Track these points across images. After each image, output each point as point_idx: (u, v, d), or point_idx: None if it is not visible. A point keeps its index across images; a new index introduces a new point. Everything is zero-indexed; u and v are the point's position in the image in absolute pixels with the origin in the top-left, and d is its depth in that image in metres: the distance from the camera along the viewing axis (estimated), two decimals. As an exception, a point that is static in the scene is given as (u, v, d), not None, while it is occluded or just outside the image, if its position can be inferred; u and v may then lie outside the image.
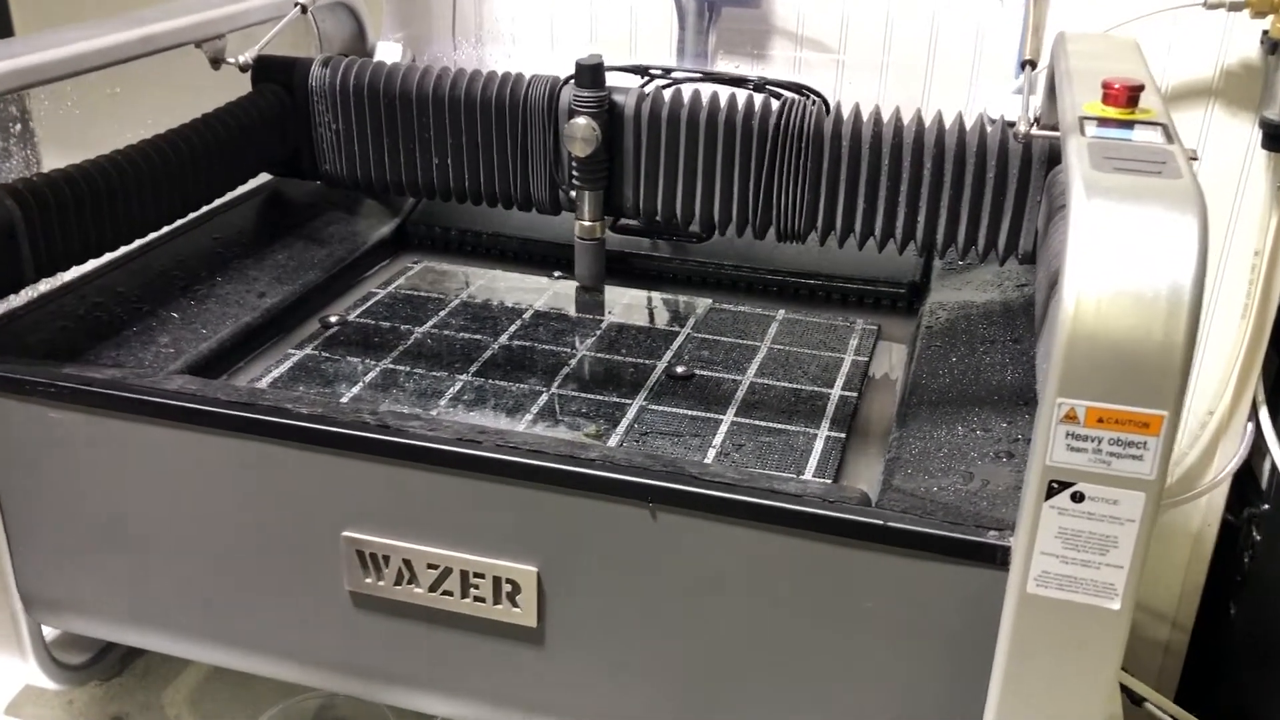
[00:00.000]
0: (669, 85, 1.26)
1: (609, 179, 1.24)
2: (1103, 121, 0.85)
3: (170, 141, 1.16)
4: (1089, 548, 0.71)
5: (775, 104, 1.17)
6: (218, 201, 1.26)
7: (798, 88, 1.25)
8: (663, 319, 1.25)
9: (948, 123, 1.13)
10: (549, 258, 1.37)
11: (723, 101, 1.18)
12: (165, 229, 1.18)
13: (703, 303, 1.28)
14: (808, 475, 0.96)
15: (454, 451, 0.85)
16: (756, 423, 1.03)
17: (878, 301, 1.30)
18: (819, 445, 1.00)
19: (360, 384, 1.08)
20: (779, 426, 1.03)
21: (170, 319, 1.11)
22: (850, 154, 1.14)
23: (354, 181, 1.33)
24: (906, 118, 1.14)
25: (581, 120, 1.19)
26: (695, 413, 1.05)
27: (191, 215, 1.21)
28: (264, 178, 1.37)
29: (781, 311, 1.26)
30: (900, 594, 0.79)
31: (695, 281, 1.34)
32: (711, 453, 0.98)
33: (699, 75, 1.30)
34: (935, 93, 1.48)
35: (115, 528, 0.97)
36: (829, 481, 0.95)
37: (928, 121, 1.13)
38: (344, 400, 1.05)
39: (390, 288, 1.30)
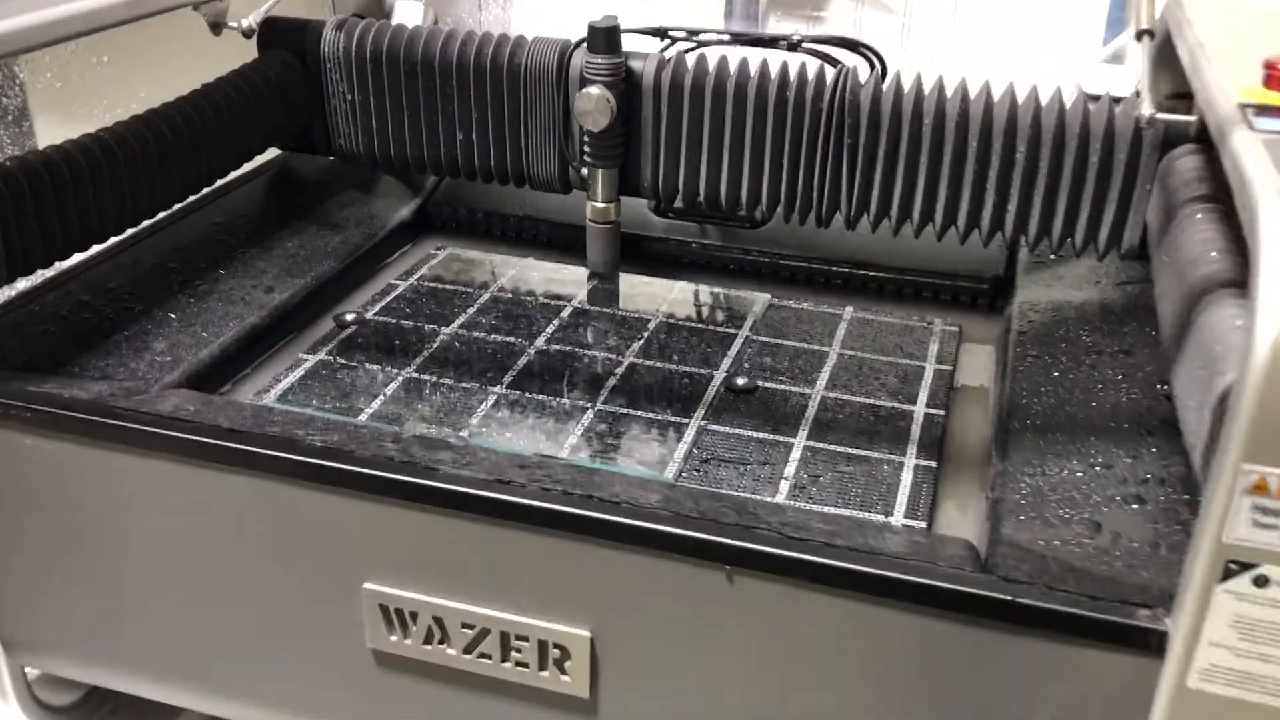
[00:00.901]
0: (693, 49, 1.12)
1: (625, 155, 1.11)
2: (1264, 109, 0.72)
3: (166, 116, 1.03)
4: (1273, 640, 0.58)
5: (815, 68, 1.03)
6: (220, 182, 1.13)
7: (845, 42, 1.11)
8: (717, 318, 1.12)
9: (1044, 99, 1.00)
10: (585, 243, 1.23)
11: (754, 68, 1.04)
12: (161, 214, 1.05)
13: (760, 299, 1.14)
14: (898, 516, 0.83)
15: (491, 498, 0.72)
16: (832, 447, 0.91)
17: (955, 298, 1.16)
18: (907, 477, 0.87)
19: (380, 397, 0.96)
20: (859, 453, 0.90)
21: (167, 320, 0.98)
22: (933, 134, 1.01)
23: (371, 157, 1.20)
24: (998, 93, 1.00)
25: (595, 90, 1.06)
26: (761, 435, 0.92)
27: (191, 198, 1.08)
28: (272, 153, 1.24)
29: (849, 309, 1.13)
30: (1026, 679, 0.66)
31: (749, 273, 1.21)
32: (785, 485, 0.86)
33: (727, 37, 1.16)
34: (1007, 59, 1.34)
35: (102, 568, 0.85)
36: (924, 525, 0.82)
37: (1021, 97, 1.00)
38: (363, 418, 0.93)
39: (412, 279, 1.17)
